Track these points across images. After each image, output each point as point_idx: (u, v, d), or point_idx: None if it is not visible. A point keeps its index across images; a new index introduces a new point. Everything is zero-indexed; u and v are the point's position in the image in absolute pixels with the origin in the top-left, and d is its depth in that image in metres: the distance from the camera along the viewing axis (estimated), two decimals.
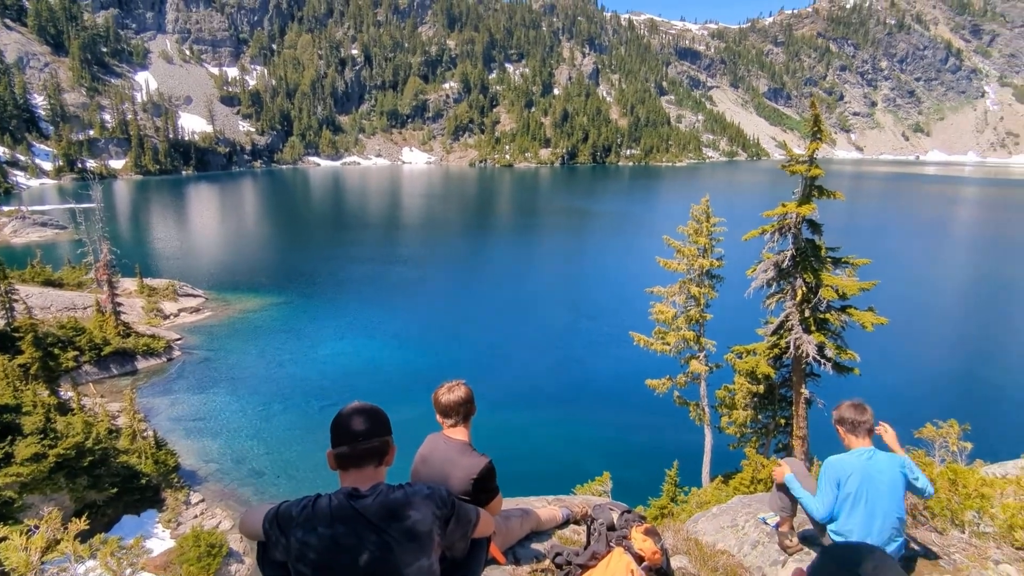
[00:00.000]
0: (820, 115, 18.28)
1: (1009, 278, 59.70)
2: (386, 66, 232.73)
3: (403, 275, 56.98)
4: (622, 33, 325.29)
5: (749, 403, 20.45)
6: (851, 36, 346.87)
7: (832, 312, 18.24)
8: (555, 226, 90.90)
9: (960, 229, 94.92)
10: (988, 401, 31.55)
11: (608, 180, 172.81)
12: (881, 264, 21.31)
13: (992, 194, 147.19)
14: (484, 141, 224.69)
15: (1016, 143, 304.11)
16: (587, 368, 35.57)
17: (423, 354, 36.86)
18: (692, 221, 21.02)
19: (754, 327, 20.49)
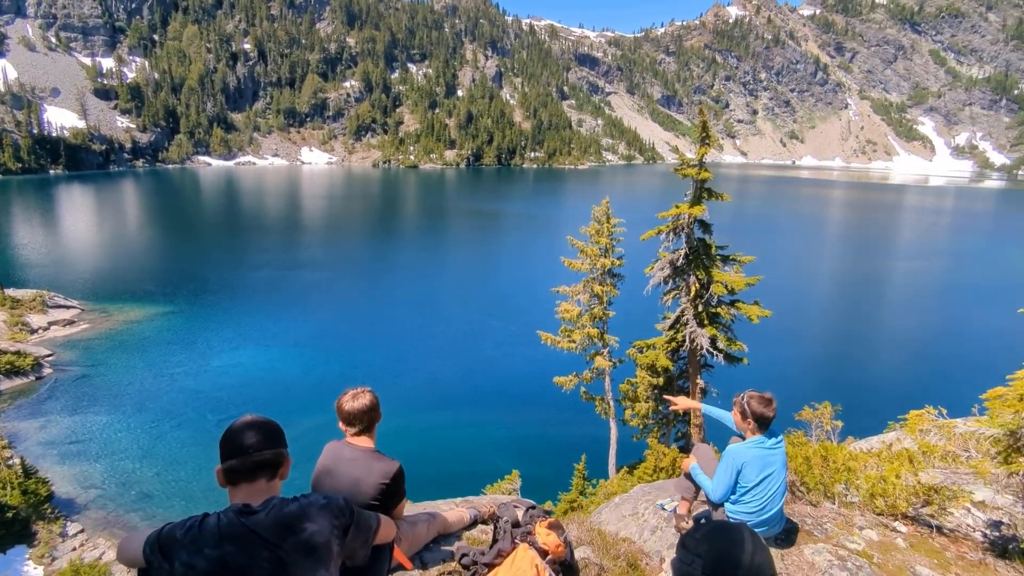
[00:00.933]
0: (708, 122, 19.50)
1: (871, 270, 66.46)
2: (282, 62, 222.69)
3: (304, 280, 54.73)
4: (523, 37, 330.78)
5: (650, 395, 21.38)
6: (734, 49, 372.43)
7: (722, 306, 19.47)
8: (462, 228, 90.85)
9: (830, 227, 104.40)
10: (857, 382, 34.94)
11: (513, 182, 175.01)
12: (764, 260, 22.99)
13: (855, 196, 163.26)
14: (388, 141, 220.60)
15: (874, 150, 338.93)
16: (496, 368, 35.78)
17: (326, 361, 35.63)
18: (594, 222, 21.69)
19: (653, 322, 21.42)
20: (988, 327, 44.91)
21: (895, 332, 46.34)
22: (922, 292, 58.50)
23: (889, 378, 35.90)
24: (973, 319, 48.15)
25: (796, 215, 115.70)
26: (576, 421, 27.57)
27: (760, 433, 4.92)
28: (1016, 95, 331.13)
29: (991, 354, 38.32)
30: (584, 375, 22.10)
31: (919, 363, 39.16)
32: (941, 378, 35.53)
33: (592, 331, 21.59)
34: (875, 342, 43.47)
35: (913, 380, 35.42)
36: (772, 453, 4.85)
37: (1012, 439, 4.67)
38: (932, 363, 38.95)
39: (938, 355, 40.58)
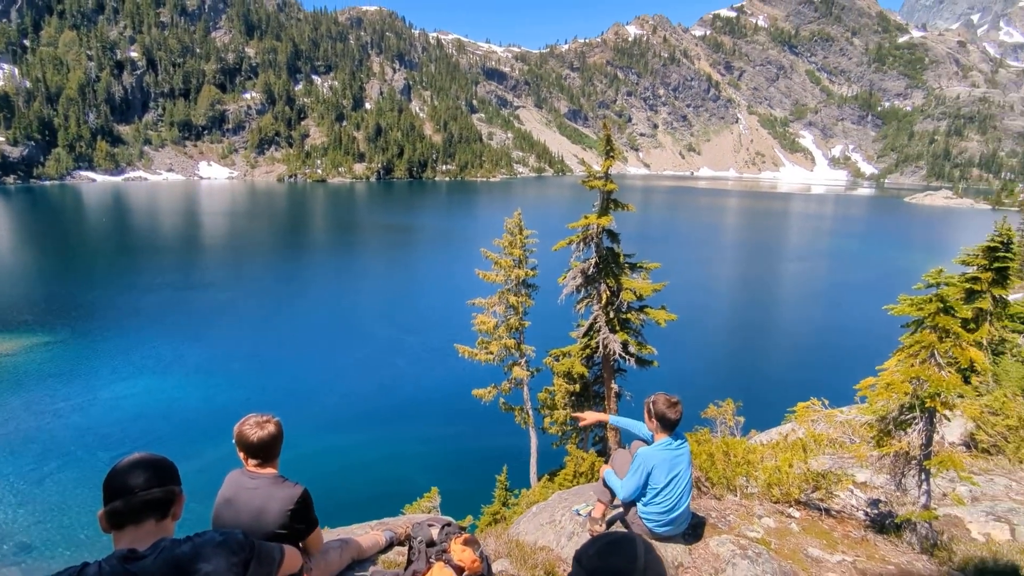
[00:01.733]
0: (612, 136, 20.23)
1: (764, 272, 71.50)
2: (175, 72, 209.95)
3: (205, 301, 51.57)
4: (431, 51, 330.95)
5: (568, 402, 21.79)
6: (634, 66, 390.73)
7: (632, 312, 20.22)
8: (374, 243, 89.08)
9: (727, 233, 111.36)
10: (756, 377, 37.34)
11: (426, 195, 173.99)
12: (669, 267, 24.08)
13: (748, 203, 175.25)
14: (293, 155, 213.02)
15: (763, 161, 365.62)
16: (413, 384, 35.23)
17: (231, 386, 33.66)
18: (506, 234, 21.92)
19: (568, 330, 21.88)
20: (864, 320, 49.35)
21: (788, 329, 50.03)
22: (809, 290, 63.56)
23: (784, 372, 38.65)
24: (851, 314, 52.78)
25: (696, 223, 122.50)
26: (496, 432, 27.61)
27: (667, 435, 5.15)
28: (880, 111, 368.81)
29: (867, 345, 42.12)
30: (503, 386, 22.21)
31: (809, 356, 42.43)
32: (827, 369, 38.63)
33: (509, 342, 21.75)
34: (771, 339, 46.73)
35: (805, 373, 38.31)
36: (678, 454, 5.10)
37: (883, 424, 5.18)
38: (819, 356, 42.32)
39: (824, 348, 44.15)
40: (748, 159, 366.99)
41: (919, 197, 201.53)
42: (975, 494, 6.87)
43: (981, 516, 6.29)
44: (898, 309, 5.64)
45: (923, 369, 4.75)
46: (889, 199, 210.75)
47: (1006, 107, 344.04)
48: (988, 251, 15.02)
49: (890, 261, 78.91)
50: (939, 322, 4.89)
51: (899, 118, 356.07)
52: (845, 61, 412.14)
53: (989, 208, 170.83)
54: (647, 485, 5.10)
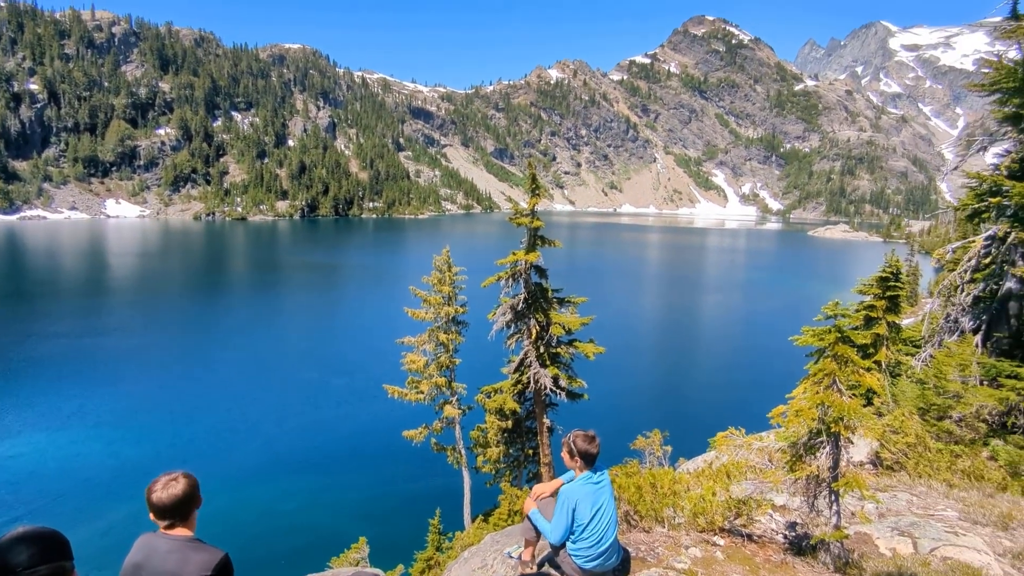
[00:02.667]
0: (536, 175, 20.81)
1: (686, 303, 74.51)
2: (80, 106, 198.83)
3: (110, 348, 48.01)
4: (356, 89, 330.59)
5: (500, 439, 21.64)
6: (557, 107, 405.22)
7: (562, 346, 20.51)
8: (297, 282, 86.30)
9: (649, 266, 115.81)
10: (682, 406, 38.52)
11: (352, 233, 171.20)
12: (595, 301, 24.65)
13: (668, 238, 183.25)
14: (211, 193, 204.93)
15: (680, 198, 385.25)
16: (340, 428, 33.94)
17: (139, 440, 31.19)
18: (435, 271, 21.87)
19: (499, 367, 21.86)
20: (776, 348, 52.15)
21: (708, 358, 52.12)
22: (726, 320, 66.72)
23: (707, 399, 40.09)
24: (765, 342, 55.71)
25: (620, 257, 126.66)
26: (428, 474, 26.97)
27: (588, 469, 5.21)
28: (782, 152, 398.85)
29: (780, 371, 44.52)
30: (434, 426, 21.80)
31: (729, 384, 44.27)
32: (746, 395, 40.38)
33: (440, 380, 21.48)
34: (693, 368, 48.49)
35: (726, 399, 39.88)
36: (600, 487, 5.17)
37: (794, 449, 5.49)
38: (738, 383, 44.24)
39: (742, 375, 46.23)
40: (666, 196, 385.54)
41: (820, 231, 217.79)
42: (881, 511, 7.33)
43: (887, 532, 6.70)
44: (802, 340, 6.04)
45: (827, 395, 5.11)
46: (795, 232, 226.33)
47: (890, 149, 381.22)
48: (881, 281, 16.35)
49: (798, 290, 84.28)
50: (838, 351, 5.29)
51: (799, 158, 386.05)
52: (750, 106, 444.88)
53: (881, 240, 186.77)
54: (574, 522, 5.11)
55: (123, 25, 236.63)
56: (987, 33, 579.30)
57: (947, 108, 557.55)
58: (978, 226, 15.03)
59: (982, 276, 13.93)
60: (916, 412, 11.73)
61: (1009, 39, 13.51)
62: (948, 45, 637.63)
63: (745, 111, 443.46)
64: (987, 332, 13.57)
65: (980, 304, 14.08)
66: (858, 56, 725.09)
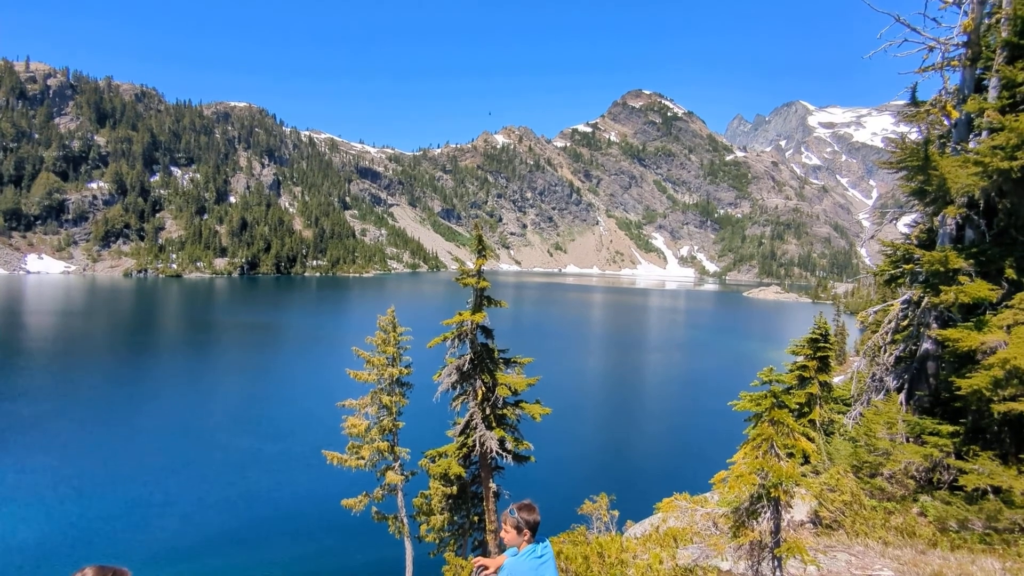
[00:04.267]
0: (483, 236, 21.11)
1: (628, 363, 75.59)
2: (7, 157, 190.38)
3: (15, 415, 44.27)
4: (303, 148, 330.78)
5: (445, 506, 20.91)
6: (503, 170, 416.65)
7: (508, 407, 20.30)
8: (232, 342, 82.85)
9: (594, 326, 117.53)
10: (627, 469, 38.41)
11: (294, 291, 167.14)
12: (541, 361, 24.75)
13: (611, 298, 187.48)
14: (144, 249, 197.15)
15: (622, 259, 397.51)
16: (273, 499, 31.98)
17: (38, 521, 28.32)
18: (379, 331, 21.49)
19: (444, 429, 21.38)
20: (716, 408, 53.37)
21: (652, 418, 52.61)
22: (669, 380, 67.94)
23: (652, 461, 40.21)
24: (705, 402, 56.86)
25: (565, 317, 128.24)
26: (368, 546, 25.62)
27: (532, 541, 5.10)
28: (716, 217, 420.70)
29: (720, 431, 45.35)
30: (375, 493, 20.88)
31: (672, 445, 44.68)
32: (689, 457, 40.81)
33: (382, 444, 20.76)
34: (637, 429, 48.74)
35: (670, 461, 40.15)
36: (543, 562, 5.05)
37: (737, 515, 5.55)
38: (681, 443, 44.72)
39: (684, 436, 46.82)
40: (609, 257, 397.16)
41: (755, 292, 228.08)
42: (822, 573, 7.43)
43: None
44: (740, 405, 6.23)
45: (766, 461, 5.24)
46: (731, 293, 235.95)
47: (814, 216, 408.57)
48: (811, 342, 17.15)
49: (736, 349, 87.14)
50: (775, 416, 5.47)
51: (732, 223, 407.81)
52: (685, 173, 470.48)
53: (810, 301, 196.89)
54: None
55: (59, 78, 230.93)
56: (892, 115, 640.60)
57: (862, 180, 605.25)
58: (895, 290, 16.12)
59: (902, 337, 14.83)
60: (851, 469, 12.13)
61: (911, 122, 14.98)
62: (859, 124, 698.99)
63: (681, 178, 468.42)
64: (909, 391, 14.34)
65: (901, 364, 14.93)
66: (781, 131, 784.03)
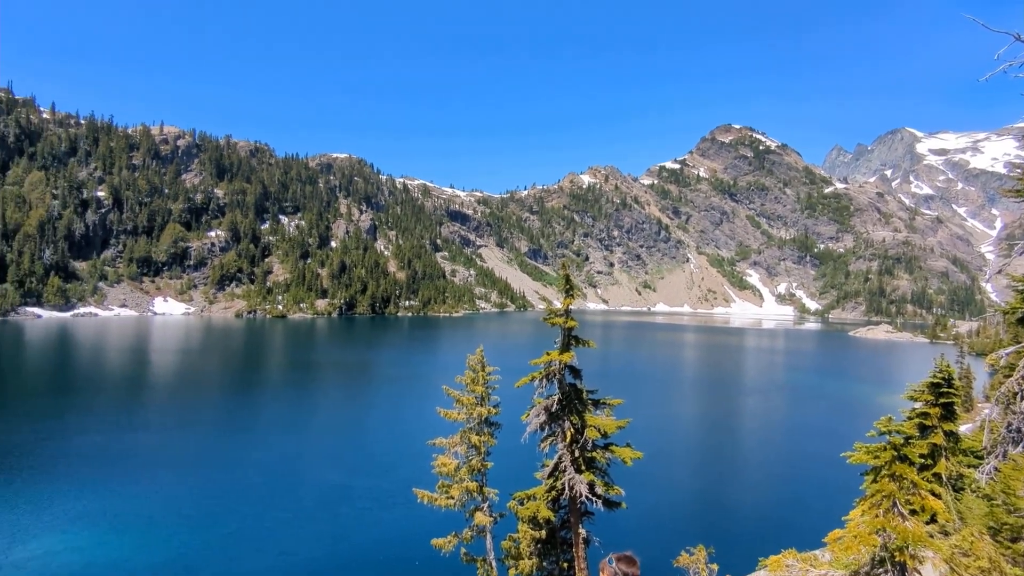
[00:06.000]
0: (570, 275, 21.11)
1: (725, 407, 71.80)
2: (140, 211, 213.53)
3: (144, 445, 48.19)
4: (397, 194, 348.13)
5: (534, 551, 20.50)
6: (589, 210, 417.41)
7: (598, 450, 19.80)
8: (331, 380, 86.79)
9: (686, 367, 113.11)
10: (724, 519, 36.06)
11: (388, 330, 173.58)
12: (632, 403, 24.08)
13: (704, 338, 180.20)
14: (254, 291, 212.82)
15: (715, 298, 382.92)
16: (364, 536, 32.60)
17: (154, 546, 30.20)
18: (469, 371, 21.80)
19: (532, 471, 21.14)
20: (824, 457, 49.33)
21: (752, 466, 49.39)
22: (769, 425, 63.78)
23: (752, 512, 37.56)
24: (812, 450, 52.77)
25: (656, 357, 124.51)
26: None
27: None
28: (816, 253, 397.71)
29: (829, 481, 41.81)
30: (464, 534, 20.85)
31: (775, 495, 41.56)
32: (794, 509, 37.79)
33: (471, 484, 20.80)
34: (736, 477, 45.85)
35: (772, 512, 37.32)
36: None
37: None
38: (785, 494, 41.50)
39: (788, 486, 43.43)
40: (701, 295, 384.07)
41: (862, 331, 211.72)
42: None
43: None
44: (855, 457, 5.75)
45: (888, 520, 4.77)
46: (835, 333, 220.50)
47: (927, 249, 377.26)
48: (933, 387, 15.63)
49: (843, 393, 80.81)
50: (896, 470, 4.99)
51: (834, 259, 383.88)
52: (780, 208, 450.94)
53: (927, 341, 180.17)
54: None
55: (187, 138, 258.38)
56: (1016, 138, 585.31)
57: (982, 209, 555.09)
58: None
59: None
60: (987, 532, 10.78)
61: None
62: (976, 149, 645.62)
63: (776, 213, 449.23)
64: None
65: None
66: (886, 160, 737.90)
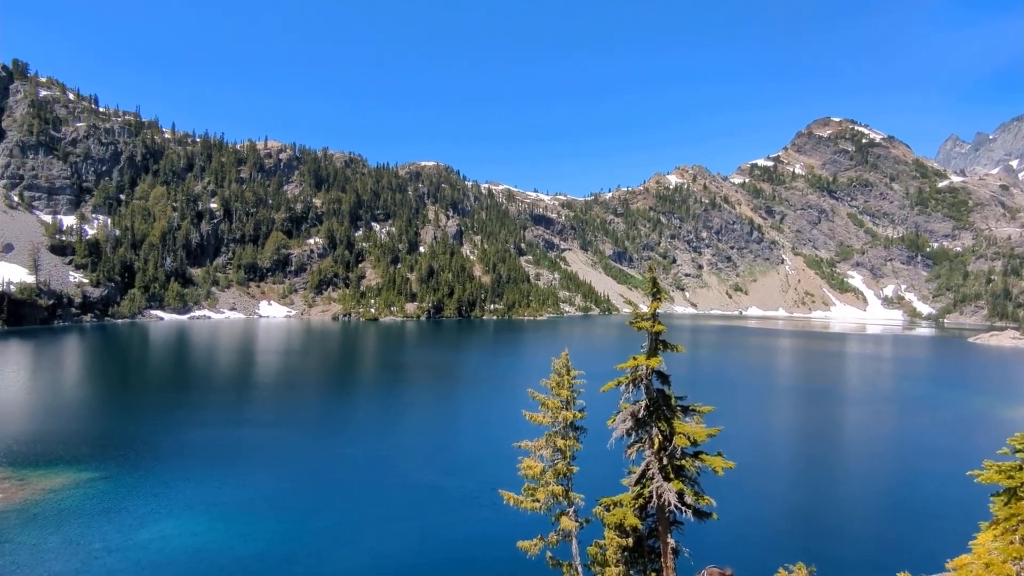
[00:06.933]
0: (657, 278, 20.62)
1: (827, 418, 67.31)
2: (247, 220, 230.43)
3: (249, 439, 51.68)
4: (483, 200, 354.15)
5: (621, 558, 20.10)
6: (676, 211, 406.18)
7: (687, 459, 19.14)
8: (419, 380, 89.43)
9: (783, 374, 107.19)
10: (826, 536, 33.75)
11: (474, 333, 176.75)
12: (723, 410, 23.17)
13: (802, 343, 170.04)
14: (349, 295, 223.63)
15: (812, 301, 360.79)
16: (452, 533, 33.20)
17: (254, 534, 32.28)
18: (554, 374, 21.70)
19: (619, 477, 20.78)
20: (940, 473, 45.11)
21: (858, 480, 45.95)
22: (876, 437, 59.11)
23: (858, 530, 34.91)
24: (925, 465, 48.41)
25: (749, 363, 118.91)
26: None
27: None
28: (928, 252, 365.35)
29: (948, 500, 38.16)
30: (550, 538, 20.73)
31: (883, 512, 38.37)
32: (904, 527, 34.78)
33: (557, 489, 20.67)
34: (840, 491, 42.80)
35: (880, 530, 34.50)
36: None
37: None
38: (894, 512, 38.20)
39: (899, 503, 39.93)
40: (797, 299, 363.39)
41: (984, 337, 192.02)
42: None
43: None
44: (985, 476, 5.18)
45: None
46: (951, 339, 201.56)
47: None
48: None
49: (963, 405, 73.70)
50: None
51: (950, 258, 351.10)
52: (886, 204, 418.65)
53: None
54: None
55: (288, 152, 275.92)
56: None
57: None
58: None
59: None
60: None
61: None
62: None
63: (882, 209, 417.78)
64: None
65: None
66: (1011, 149, 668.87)
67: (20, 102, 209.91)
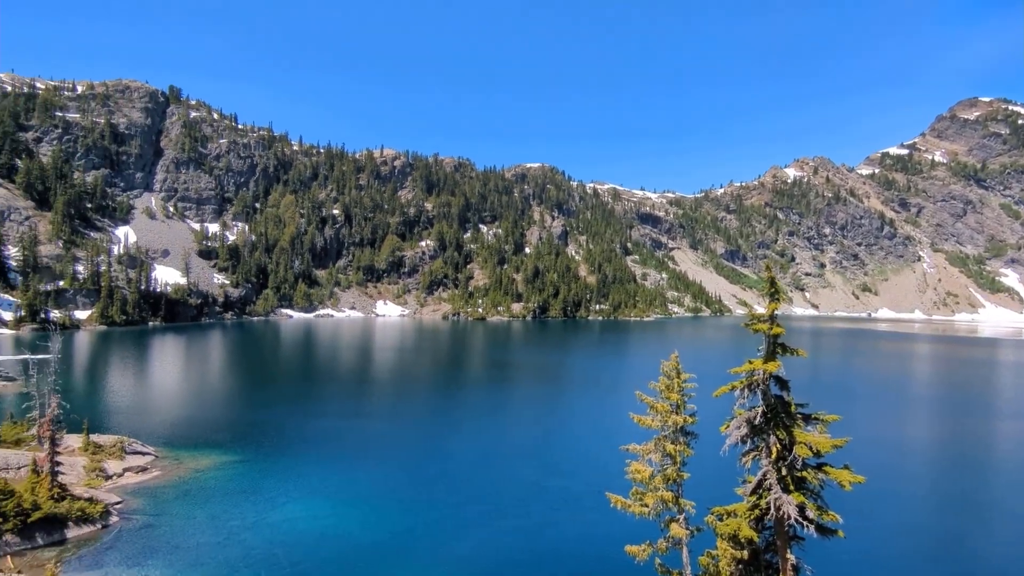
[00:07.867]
0: (775, 278, 19.41)
1: (976, 432, 60.06)
2: (365, 225, 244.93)
3: (367, 430, 54.82)
4: (588, 199, 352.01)
5: (734, 571, 19.17)
6: (795, 206, 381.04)
7: (809, 470, 17.88)
8: (526, 379, 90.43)
9: (921, 383, 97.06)
10: (974, 563, 30.11)
11: (579, 333, 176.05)
12: (850, 420, 21.42)
13: (943, 349, 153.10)
14: (458, 295, 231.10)
15: (956, 302, 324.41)
16: (558, 533, 33.16)
17: (376, 521, 34.11)
18: (663, 377, 21.10)
19: (732, 486, 19.85)
20: None
21: (1015, 510, 40.55)
22: None
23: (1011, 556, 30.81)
24: None
25: (881, 370, 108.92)
26: None
27: None
28: None
29: None
30: (659, 544, 20.19)
31: None
32: None
33: (666, 495, 20.09)
34: (989, 515, 38.00)
35: None
36: None
37: None
38: None
39: None
40: (937, 300, 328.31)
41: None
42: None
43: None
44: None
45: None
46: None
47: None
48: None
49: None
50: None
51: None
52: None
53: None
54: None
55: (402, 159, 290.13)
56: None
57: None
58: None
59: None
60: None
61: None
62: None
63: None
64: None
65: None
66: None
67: (175, 123, 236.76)
